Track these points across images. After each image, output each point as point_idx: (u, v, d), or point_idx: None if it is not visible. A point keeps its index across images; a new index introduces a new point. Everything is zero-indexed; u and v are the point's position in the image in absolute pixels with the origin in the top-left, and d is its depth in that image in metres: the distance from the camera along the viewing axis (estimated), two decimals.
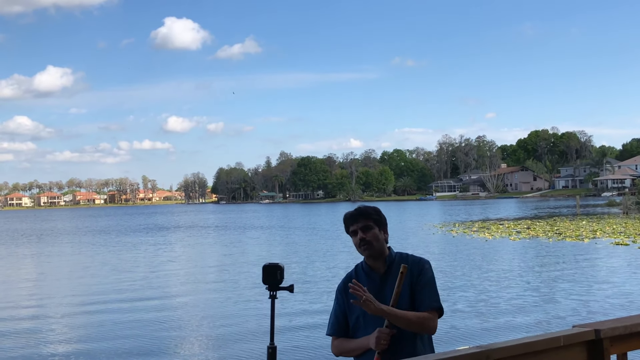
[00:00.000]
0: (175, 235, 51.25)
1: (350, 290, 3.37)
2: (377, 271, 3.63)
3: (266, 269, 3.74)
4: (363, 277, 3.65)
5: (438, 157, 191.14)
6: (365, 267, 3.67)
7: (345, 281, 3.70)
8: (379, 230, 3.63)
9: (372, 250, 3.59)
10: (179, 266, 27.61)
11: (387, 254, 3.65)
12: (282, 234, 46.27)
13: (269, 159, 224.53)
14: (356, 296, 3.36)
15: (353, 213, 3.67)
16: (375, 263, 3.64)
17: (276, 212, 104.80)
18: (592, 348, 3.00)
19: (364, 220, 3.61)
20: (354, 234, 3.62)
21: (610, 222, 43.85)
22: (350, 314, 3.63)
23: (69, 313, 16.53)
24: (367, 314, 3.51)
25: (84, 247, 40.29)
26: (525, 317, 13.67)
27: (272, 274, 3.73)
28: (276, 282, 3.74)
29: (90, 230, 63.80)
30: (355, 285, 3.38)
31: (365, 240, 3.56)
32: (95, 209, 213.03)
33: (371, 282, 3.60)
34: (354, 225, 3.61)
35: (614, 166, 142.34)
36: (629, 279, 18.68)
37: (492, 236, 35.64)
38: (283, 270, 3.76)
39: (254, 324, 13.82)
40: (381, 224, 3.66)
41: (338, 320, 3.68)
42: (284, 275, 3.76)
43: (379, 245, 3.60)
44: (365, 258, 3.67)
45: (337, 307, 3.71)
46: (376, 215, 3.66)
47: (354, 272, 3.72)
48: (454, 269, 22.39)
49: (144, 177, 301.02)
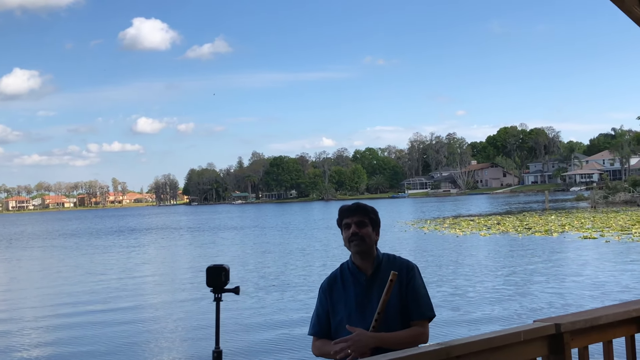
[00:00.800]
0: (145, 238, 50.76)
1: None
2: (364, 272, 3.54)
3: (210, 270, 3.64)
4: (349, 277, 3.56)
5: (409, 154, 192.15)
6: (351, 267, 3.58)
7: (329, 280, 3.62)
8: (372, 230, 3.55)
9: (361, 247, 3.49)
10: (141, 270, 27.14)
11: (375, 255, 3.57)
12: (254, 234, 46.10)
13: (241, 159, 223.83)
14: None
15: (351, 207, 3.58)
16: (363, 263, 3.54)
17: (249, 212, 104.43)
18: (552, 342, 3.01)
19: (361, 215, 3.53)
20: (346, 227, 3.52)
21: (579, 216, 44.50)
22: (333, 315, 3.54)
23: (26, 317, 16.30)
24: (352, 316, 3.45)
25: (54, 251, 39.72)
26: (492, 313, 13.77)
27: (216, 276, 3.63)
28: (221, 284, 3.64)
29: (61, 234, 62.96)
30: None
31: (357, 235, 3.47)
32: (65, 213, 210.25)
33: (357, 284, 3.52)
34: (350, 219, 3.52)
35: (581, 161, 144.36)
36: (595, 272, 18.94)
37: (462, 232, 35.92)
38: (228, 272, 3.67)
39: (200, 328, 13.59)
40: (376, 224, 3.59)
41: (320, 320, 3.59)
42: (229, 277, 3.66)
43: (370, 243, 3.52)
44: (352, 256, 3.57)
45: (319, 307, 3.61)
46: (373, 215, 3.59)
47: (339, 272, 3.63)
48: (426, 265, 22.50)
49: (114, 180, 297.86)
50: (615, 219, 39.23)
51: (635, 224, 34.27)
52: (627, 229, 31.22)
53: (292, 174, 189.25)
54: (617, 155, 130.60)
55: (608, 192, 64.91)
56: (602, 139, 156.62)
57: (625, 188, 63.81)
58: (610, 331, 3.24)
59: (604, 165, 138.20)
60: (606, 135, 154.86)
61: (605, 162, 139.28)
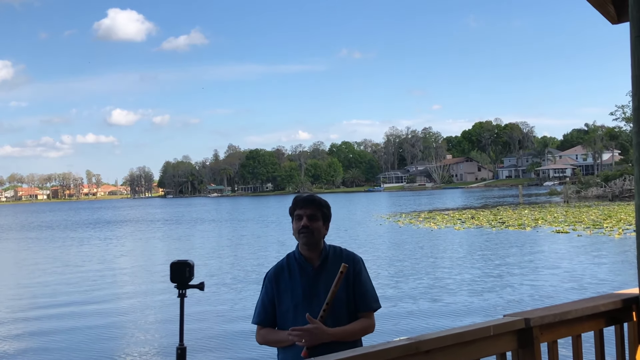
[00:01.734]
0: (117, 231, 50.31)
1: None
2: (310, 263, 3.58)
3: (174, 266, 3.61)
4: (295, 267, 3.59)
5: (385, 148, 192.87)
6: (298, 257, 3.61)
7: (275, 270, 3.64)
8: (323, 225, 3.60)
9: (310, 239, 3.53)
10: (110, 263, 26.67)
11: (322, 247, 3.61)
12: (228, 228, 45.96)
13: (217, 151, 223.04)
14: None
15: (307, 198, 3.62)
16: (310, 254, 3.58)
17: (224, 205, 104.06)
18: (522, 337, 3.02)
19: (314, 208, 3.57)
20: (298, 218, 3.56)
21: (552, 210, 45.03)
22: (279, 304, 3.57)
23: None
24: (299, 307, 3.48)
25: (28, 243, 39.20)
26: (464, 306, 13.86)
27: (180, 272, 3.60)
28: (185, 280, 3.61)
29: (36, 226, 62.15)
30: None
31: (307, 228, 3.51)
32: (38, 205, 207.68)
33: (304, 274, 3.55)
34: (302, 210, 3.55)
35: (555, 156, 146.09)
36: (568, 266, 19.17)
37: (437, 226, 36.15)
38: (193, 267, 3.64)
39: (165, 323, 13.43)
40: (327, 219, 3.64)
41: (265, 309, 3.60)
42: (193, 273, 3.63)
43: (318, 237, 3.57)
44: (299, 246, 3.61)
45: (264, 296, 3.63)
46: (326, 209, 3.63)
47: (285, 261, 3.66)
48: (399, 259, 22.61)
49: (88, 172, 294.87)
50: (587, 213, 39.77)
51: (606, 218, 34.77)
52: (599, 224, 31.66)
53: (268, 167, 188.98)
54: (589, 150, 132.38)
55: (580, 187, 65.84)
56: (575, 134, 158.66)
57: (598, 183, 64.73)
58: (579, 325, 3.26)
59: (577, 160, 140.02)
60: (579, 131, 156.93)
61: (578, 157, 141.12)
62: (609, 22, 4.35)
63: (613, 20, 4.30)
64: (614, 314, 3.39)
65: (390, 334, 10.43)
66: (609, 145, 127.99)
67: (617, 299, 3.41)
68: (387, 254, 24.35)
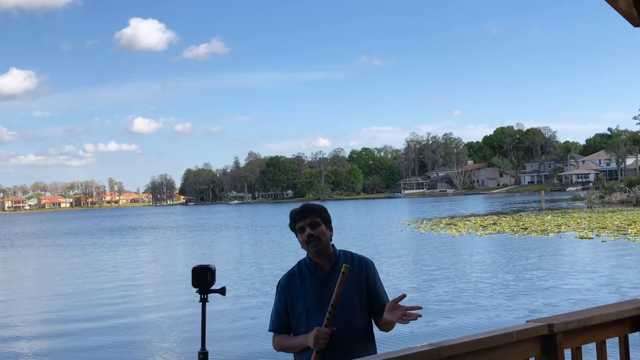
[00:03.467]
0: (141, 237, 50.65)
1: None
2: (321, 268, 3.60)
3: (196, 271, 3.63)
4: (307, 273, 3.62)
5: (406, 155, 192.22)
6: (309, 264, 3.63)
7: (287, 277, 3.67)
8: (326, 228, 3.61)
9: (319, 246, 3.55)
10: (132, 269, 26.94)
11: (332, 252, 3.62)
12: (250, 234, 46.06)
13: (238, 159, 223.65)
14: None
15: (300, 210, 3.65)
16: (321, 260, 3.61)
17: (246, 212, 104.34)
18: (545, 343, 2.99)
19: (312, 216, 3.59)
20: (301, 230, 3.58)
21: (575, 216, 44.55)
22: (292, 311, 3.60)
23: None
24: (311, 312, 3.51)
25: (56, 250, 39.62)
26: (486, 312, 13.75)
27: (202, 277, 3.61)
28: (207, 285, 3.62)
29: (64, 233, 62.82)
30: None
31: (313, 236, 3.53)
32: (62, 213, 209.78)
33: (315, 280, 3.58)
34: (302, 222, 3.58)
35: (578, 161, 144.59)
36: (591, 272, 18.95)
37: (459, 232, 35.92)
38: (214, 272, 3.65)
39: (187, 329, 13.46)
40: (327, 221, 3.66)
41: (279, 316, 3.64)
42: (215, 278, 3.64)
43: (326, 241, 3.59)
44: (310, 255, 3.63)
45: (278, 304, 3.67)
46: (323, 212, 3.65)
47: (296, 269, 3.68)
48: (420, 265, 22.51)
49: (110, 180, 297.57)
50: (612, 218, 39.28)
51: (631, 224, 34.32)
52: (623, 229, 31.25)
53: (288, 174, 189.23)
54: (613, 155, 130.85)
55: (604, 192, 65.00)
56: (598, 139, 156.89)
57: (621, 188, 63.91)
58: (603, 331, 3.22)
59: (600, 165, 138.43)
60: (602, 136, 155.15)
61: (602, 162, 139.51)
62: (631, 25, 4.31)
63: (636, 23, 4.26)
64: (639, 319, 3.34)
65: (411, 340, 10.38)
66: (633, 149, 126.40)
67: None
68: (408, 261, 24.25)
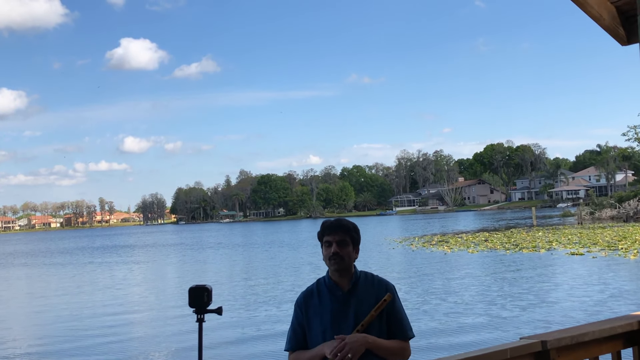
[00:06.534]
0: (132, 257, 50.38)
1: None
2: (340, 287, 3.52)
3: (192, 291, 3.61)
4: (325, 292, 3.53)
5: (397, 172, 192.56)
6: (328, 282, 3.55)
7: (305, 295, 3.59)
8: (353, 249, 3.54)
9: (341, 266, 3.47)
10: (127, 289, 27.01)
11: (353, 272, 3.55)
12: (242, 253, 45.91)
13: (229, 177, 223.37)
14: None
15: (334, 224, 3.55)
16: (341, 279, 3.52)
17: (237, 231, 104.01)
18: (539, 359, 3.01)
19: (342, 234, 3.49)
20: (327, 244, 3.49)
21: (566, 232, 44.68)
22: (309, 329, 3.51)
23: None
24: (328, 331, 3.41)
25: (52, 268, 39.35)
26: (480, 329, 13.77)
27: (198, 297, 3.60)
28: (203, 305, 3.61)
29: (60, 251, 62.42)
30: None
31: (338, 255, 3.45)
32: (53, 233, 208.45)
33: (334, 299, 3.50)
34: (331, 236, 3.49)
35: (568, 177, 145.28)
36: (582, 288, 18.98)
37: (450, 249, 35.94)
38: (211, 292, 3.63)
39: (184, 348, 13.46)
40: (356, 242, 3.57)
41: (297, 335, 3.55)
42: (211, 298, 3.63)
43: (349, 263, 3.51)
44: (330, 272, 3.55)
45: (295, 322, 3.57)
46: (355, 233, 3.57)
47: (315, 287, 3.59)
48: (413, 283, 22.49)
49: (101, 199, 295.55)
50: (602, 234, 39.43)
51: (621, 239, 34.45)
52: (614, 245, 31.37)
53: (279, 192, 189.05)
54: (602, 171, 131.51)
55: (594, 208, 65.29)
56: (588, 155, 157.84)
57: (611, 204, 64.22)
58: (596, 347, 3.24)
59: (590, 182, 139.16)
60: (592, 152, 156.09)
61: (591, 178, 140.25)
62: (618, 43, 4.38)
63: (623, 41, 4.33)
64: (631, 335, 3.36)
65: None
66: (622, 165, 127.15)
67: (634, 320, 3.39)
68: (401, 278, 24.22)
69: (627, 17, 4.29)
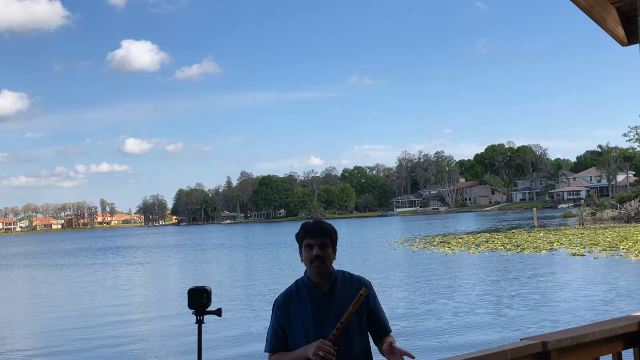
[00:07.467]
0: (133, 258, 50.39)
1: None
2: (320, 288, 3.56)
3: (192, 292, 3.61)
4: (305, 293, 3.57)
5: (398, 173, 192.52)
6: (307, 283, 3.59)
7: (285, 297, 3.61)
8: (332, 250, 3.59)
9: (322, 268, 3.52)
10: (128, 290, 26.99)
11: (331, 272, 3.59)
12: (243, 254, 45.92)
13: (230, 178, 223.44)
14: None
15: (316, 227, 3.58)
16: (320, 280, 3.57)
17: (239, 232, 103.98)
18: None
19: (323, 237, 3.54)
20: (308, 247, 3.53)
21: (567, 233, 44.66)
22: (290, 331, 3.53)
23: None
24: (310, 332, 3.44)
25: (56, 269, 39.37)
26: (480, 330, 13.75)
27: (198, 298, 3.60)
28: (202, 306, 3.61)
29: (65, 253, 62.45)
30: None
31: (320, 258, 3.49)
32: (54, 234, 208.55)
33: (314, 299, 3.54)
34: (313, 240, 3.52)
35: (569, 178, 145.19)
36: (584, 289, 18.97)
37: (452, 250, 35.93)
38: (210, 293, 3.64)
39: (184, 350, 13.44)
40: (335, 244, 3.63)
41: (277, 336, 3.57)
42: (210, 299, 3.63)
43: (329, 265, 3.56)
44: (309, 274, 3.59)
45: (275, 323, 3.59)
46: (334, 235, 3.62)
47: (294, 288, 3.62)
48: (414, 284, 22.47)
49: (102, 201, 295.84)
50: (603, 235, 39.40)
51: (622, 240, 34.43)
52: (615, 246, 31.34)
53: (280, 193, 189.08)
54: (604, 172, 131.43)
55: (595, 209, 65.25)
56: (589, 156, 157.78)
57: (613, 205, 64.18)
58: (597, 348, 3.24)
59: (591, 182, 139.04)
60: (593, 153, 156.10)
61: (593, 179, 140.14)
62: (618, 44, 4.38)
63: (623, 42, 4.33)
64: (632, 336, 3.36)
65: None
66: (623, 166, 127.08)
67: (635, 321, 3.38)
68: (402, 279, 24.22)
69: (628, 17, 4.29)
